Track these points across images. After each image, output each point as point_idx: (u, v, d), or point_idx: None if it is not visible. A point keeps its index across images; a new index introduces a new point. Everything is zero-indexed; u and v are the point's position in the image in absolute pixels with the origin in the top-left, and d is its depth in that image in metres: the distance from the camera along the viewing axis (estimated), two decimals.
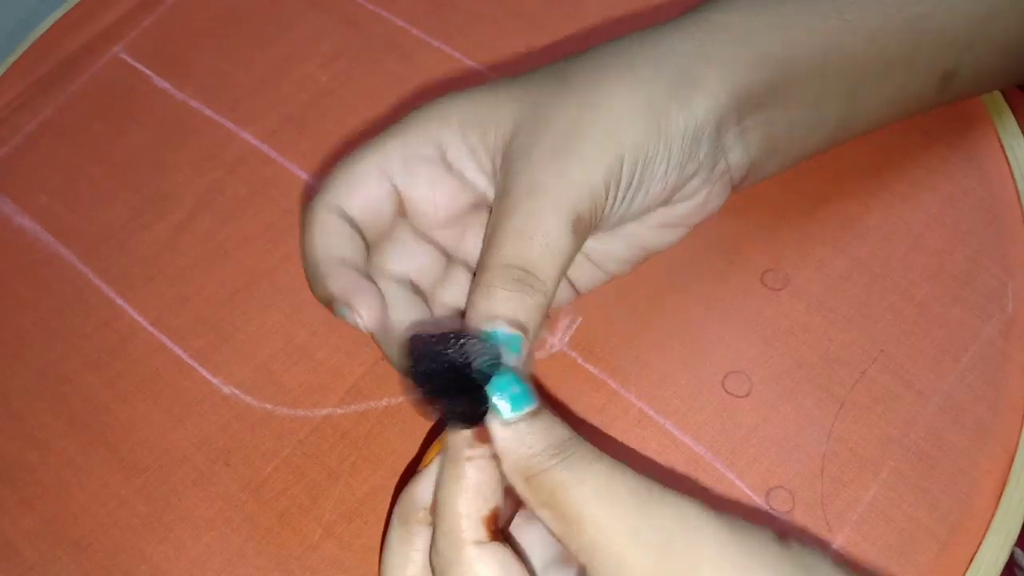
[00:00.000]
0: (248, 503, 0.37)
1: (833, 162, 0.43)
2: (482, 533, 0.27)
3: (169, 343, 0.41)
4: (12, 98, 0.48)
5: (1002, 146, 0.43)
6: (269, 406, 0.39)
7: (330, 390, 0.39)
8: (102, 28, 0.50)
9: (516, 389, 0.28)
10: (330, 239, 0.32)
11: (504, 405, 0.28)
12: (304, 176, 0.45)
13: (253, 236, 0.43)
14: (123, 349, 0.41)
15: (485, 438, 0.28)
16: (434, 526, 0.28)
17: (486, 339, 0.29)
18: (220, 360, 0.40)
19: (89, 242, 0.44)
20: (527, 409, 0.28)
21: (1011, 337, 0.38)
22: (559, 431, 0.28)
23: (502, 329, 0.29)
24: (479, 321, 0.29)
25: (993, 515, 0.35)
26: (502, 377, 0.28)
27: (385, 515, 0.36)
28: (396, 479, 0.37)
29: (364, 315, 0.31)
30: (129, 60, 0.49)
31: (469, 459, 0.28)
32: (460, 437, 0.28)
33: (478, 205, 0.35)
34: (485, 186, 0.34)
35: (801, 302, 0.40)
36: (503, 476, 0.28)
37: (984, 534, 0.35)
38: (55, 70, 0.49)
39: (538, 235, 0.30)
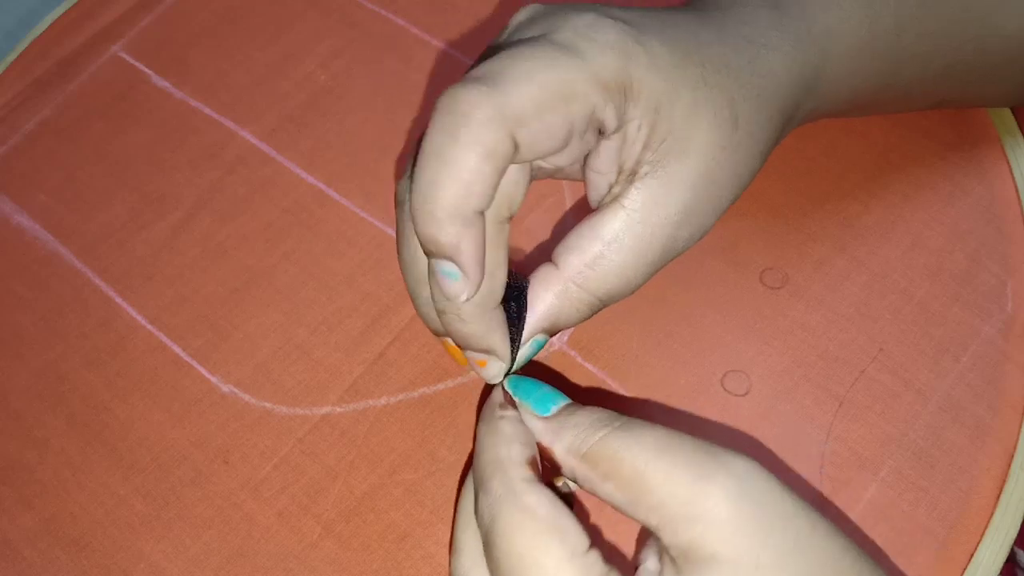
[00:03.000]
0: (247, 502, 0.37)
1: (832, 161, 0.43)
2: (527, 472, 0.27)
3: (168, 342, 0.41)
4: (11, 97, 0.48)
5: (1002, 145, 0.43)
6: (268, 405, 0.39)
7: (329, 389, 0.39)
8: (101, 27, 0.50)
9: (546, 389, 0.30)
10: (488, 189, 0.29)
11: (537, 406, 0.29)
12: (304, 175, 0.45)
13: (252, 235, 0.43)
14: (122, 348, 0.41)
15: (512, 402, 0.30)
16: (476, 485, 0.28)
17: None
18: (219, 359, 0.40)
19: (88, 241, 0.44)
20: (561, 404, 0.29)
21: (1010, 336, 0.38)
22: (601, 411, 0.28)
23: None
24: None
25: (992, 514, 0.35)
26: (525, 381, 0.30)
27: (384, 513, 0.36)
28: (395, 477, 0.37)
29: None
30: (128, 59, 0.49)
31: (503, 417, 0.29)
32: (494, 402, 0.30)
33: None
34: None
35: (800, 301, 0.40)
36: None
37: (983, 533, 0.35)
38: (54, 69, 0.49)
39: None
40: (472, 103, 0.27)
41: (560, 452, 0.28)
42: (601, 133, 0.30)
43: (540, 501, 0.27)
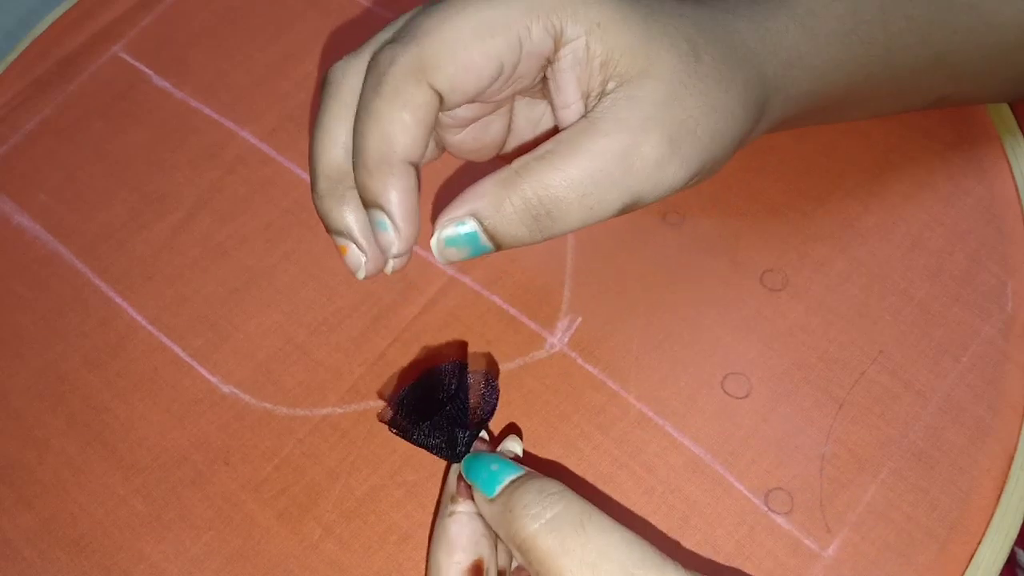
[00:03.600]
0: (247, 502, 0.37)
1: (833, 162, 0.43)
2: None
3: (168, 342, 0.41)
4: (11, 97, 0.48)
5: (1002, 145, 0.43)
6: (268, 405, 0.39)
7: (329, 389, 0.39)
8: (101, 27, 0.50)
9: (495, 467, 0.29)
10: (403, 133, 0.30)
11: (484, 487, 0.29)
12: (304, 175, 0.45)
13: (252, 235, 0.43)
14: (122, 348, 0.41)
15: (466, 494, 0.30)
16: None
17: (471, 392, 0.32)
18: (219, 359, 0.40)
19: (88, 241, 0.44)
20: (508, 479, 0.29)
21: (1011, 336, 0.38)
22: (543, 488, 0.28)
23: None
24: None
25: (992, 515, 0.35)
26: (476, 460, 0.30)
27: (385, 514, 0.36)
28: (396, 478, 0.37)
29: (400, 248, 0.31)
30: (128, 59, 0.49)
31: (451, 514, 0.30)
32: (447, 494, 0.31)
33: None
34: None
35: (800, 303, 0.40)
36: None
37: (983, 534, 0.35)
38: (54, 69, 0.49)
39: None
40: (389, 59, 0.30)
41: (504, 537, 0.28)
42: (549, 62, 0.31)
43: None
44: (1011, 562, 0.48)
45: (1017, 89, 0.42)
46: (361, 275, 0.32)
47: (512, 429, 0.37)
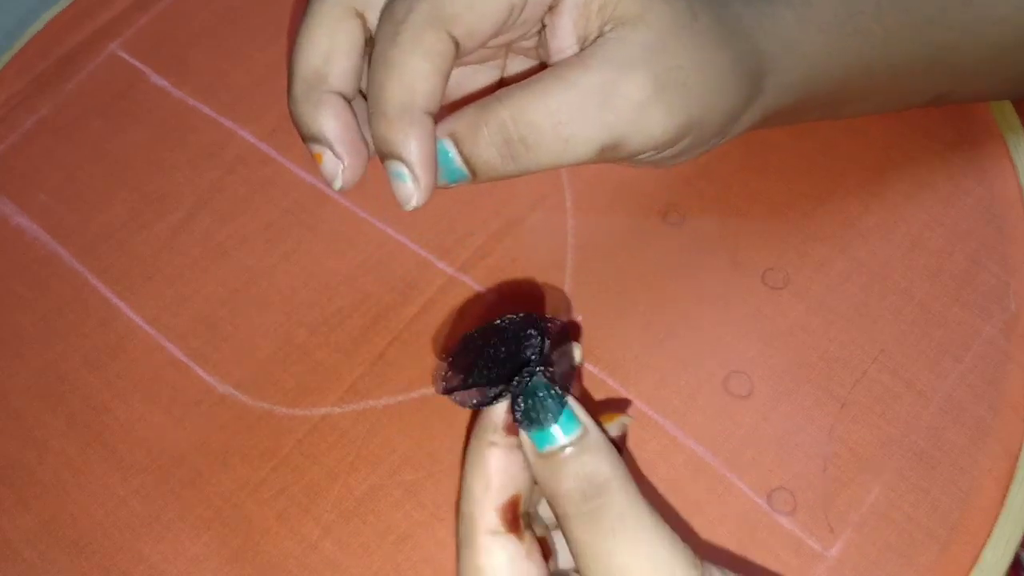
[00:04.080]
0: (246, 503, 0.37)
1: (833, 161, 0.43)
2: (495, 522, 0.26)
3: (167, 343, 0.41)
4: (9, 96, 0.48)
5: (1004, 143, 0.43)
6: (267, 406, 0.39)
7: (328, 390, 0.39)
8: (100, 25, 0.50)
9: (553, 428, 0.26)
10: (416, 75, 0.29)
11: (536, 440, 0.26)
12: (304, 175, 0.45)
13: (252, 235, 0.43)
14: (121, 349, 0.41)
15: (514, 431, 0.27)
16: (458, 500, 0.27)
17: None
18: (218, 359, 0.40)
19: (87, 241, 0.44)
20: (560, 444, 0.26)
21: (1012, 337, 0.38)
22: (589, 476, 0.26)
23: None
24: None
25: (997, 516, 0.35)
26: (536, 403, 0.26)
27: (384, 515, 0.36)
28: (395, 478, 0.37)
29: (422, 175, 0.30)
30: (127, 58, 0.49)
31: (492, 444, 0.27)
32: (489, 420, 0.27)
33: None
34: None
35: (801, 302, 0.39)
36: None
37: (985, 535, 0.35)
38: (52, 68, 0.49)
39: None
40: (406, 8, 0.29)
41: (549, 496, 0.26)
42: (551, 7, 0.31)
43: (494, 564, 0.26)
44: (1016, 565, 0.48)
45: (1017, 87, 0.42)
46: (338, 184, 0.31)
47: (572, 328, 0.35)
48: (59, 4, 0.51)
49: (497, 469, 0.27)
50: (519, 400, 0.26)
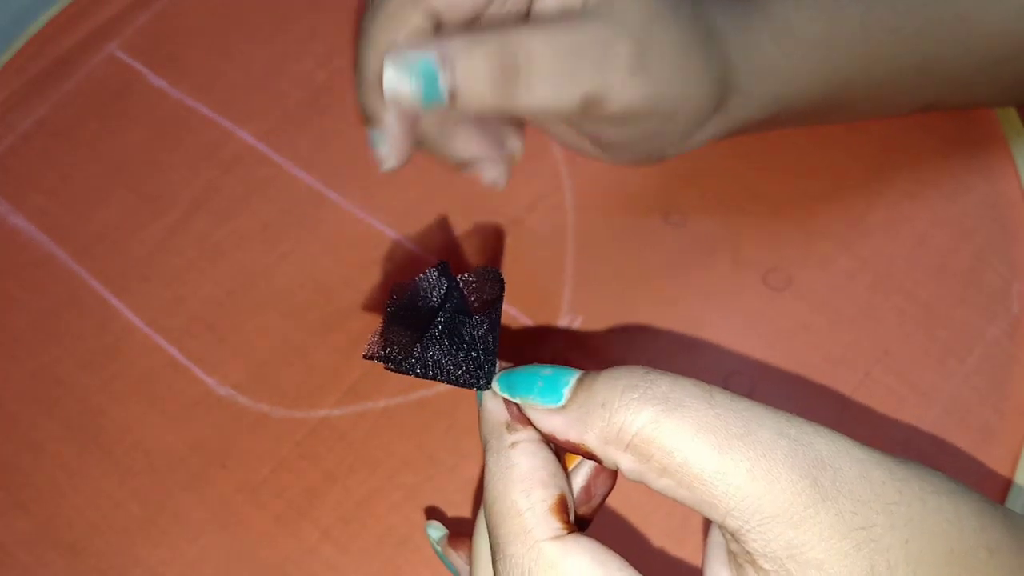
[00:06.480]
0: (244, 506, 0.37)
1: (836, 160, 0.42)
2: (555, 526, 0.22)
3: (164, 344, 0.40)
4: (6, 96, 0.48)
5: (1007, 143, 0.43)
6: (265, 407, 0.39)
7: (327, 391, 0.39)
8: (97, 25, 0.50)
9: (546, 371, 0.24)
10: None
11: (546, 396, 0.23)
12: (302, 175, 0.44)
13: (249, 236, 0.43)
14: (118, 350, 0.40)
15: (525, 420, 0.24)
16: (490, 535, 0.23)
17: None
18: (216, 361, 0.40)
19: (84, 242, 0.43)
20: (572, 382, 0.23)
21: (1016, 338, 0.38)
22: (627, 375, 0.22)
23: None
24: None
25: None
26: (517, 374, 0.24)
27: (383, 517, 0.36)
28: (394, 480, 0.37)
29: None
30: (124, 58, 0.49)
31: (514, 445, 0.24)
32: (496, 423, 0.24)
33: None
34: None
35: (804, 302, 0.39)
36: (564, 458, 0.24)
37: None
38: (49, 68, 0.49)
39: None
40: None
41: (595, 445, 0.22)
42: None
43: (582, 568, 0.22)
44: None
45: (1004, 95, 0.41)
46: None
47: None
48: (56, 4, 0.50)
49: (533, 468, 0.23)
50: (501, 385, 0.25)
